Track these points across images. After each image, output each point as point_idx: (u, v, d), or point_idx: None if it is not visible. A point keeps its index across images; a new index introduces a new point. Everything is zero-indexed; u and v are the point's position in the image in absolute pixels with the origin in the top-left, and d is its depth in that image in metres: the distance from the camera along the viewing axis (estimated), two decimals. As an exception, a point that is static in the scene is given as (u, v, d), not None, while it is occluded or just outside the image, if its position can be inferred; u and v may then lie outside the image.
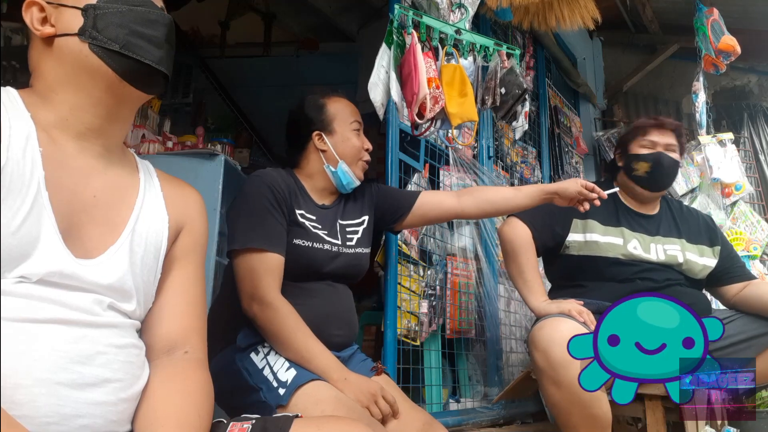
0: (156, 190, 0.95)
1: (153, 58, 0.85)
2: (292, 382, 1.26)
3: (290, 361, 1.32)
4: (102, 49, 0.82)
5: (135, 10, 0.85)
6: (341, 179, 1.55)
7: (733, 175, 3.42)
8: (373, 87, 1.76)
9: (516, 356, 2.67)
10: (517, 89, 1.91)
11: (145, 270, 0.88)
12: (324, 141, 1.56)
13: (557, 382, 1.60)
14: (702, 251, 2.06)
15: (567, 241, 2.00)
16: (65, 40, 0.83)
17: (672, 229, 2.07)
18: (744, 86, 4.67)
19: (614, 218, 2.04)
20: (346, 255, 1.54)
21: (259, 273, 1.34)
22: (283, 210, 1.44)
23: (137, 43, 0.84)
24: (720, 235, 2.17)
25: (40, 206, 0.75)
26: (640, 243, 1.99)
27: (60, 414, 0.71)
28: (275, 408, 1.24)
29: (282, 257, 1.39)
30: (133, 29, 0.84)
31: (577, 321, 1.69)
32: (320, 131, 1.56)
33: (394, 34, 1.79)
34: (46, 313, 0.74)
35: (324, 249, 1.49)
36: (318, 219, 1.52)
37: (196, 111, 4.38)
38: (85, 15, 0.83)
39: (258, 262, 1.35)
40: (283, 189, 1.46)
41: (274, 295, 1.34)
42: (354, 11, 4.12)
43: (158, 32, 0.86)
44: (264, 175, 1.48)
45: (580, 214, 2.00)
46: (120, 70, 0.83)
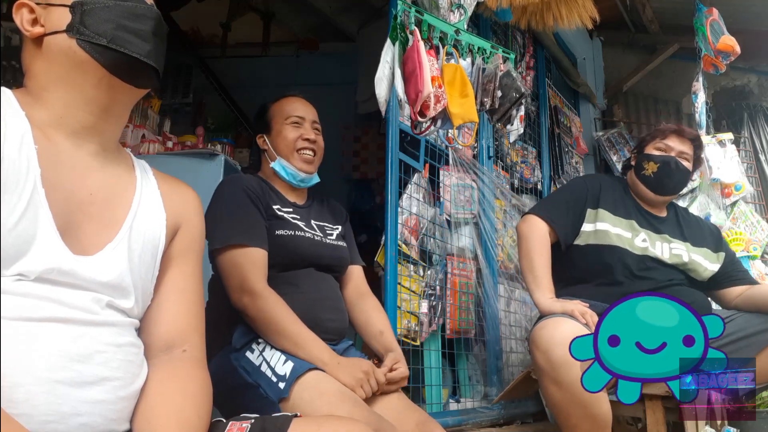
0: (153, 188, 0.95)
1: (141, 51, 0.85)
2: (290, 374, 1.27)
3: (286, 353, 1.33)
4: (89, 44, 0.82)
5: (121, 4, 0.85)
6: (281, 174, 1.60)
7: (732, 175, 3.42)
8: (378, 82, 1.76)
9: (516, 356, 2.67)
10: (514, 93, 1.92)
11: (143, 267, 0.88)
12: (265, 141, 1.64)
13: (558, 381, 1.60)
14: (706, 255, 2.07)
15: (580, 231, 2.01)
16: (54, 38, 0.84)
17: (677, 232, 2.09)
18: (744, 86, 4.67)
19: (625, 210, 2.05)
20: (327, 245, 1.58)
21: (245, 266, 1.37)
22: (259, 207, 1.48)
23: (124, 37, 0.84)
24: (724, 243, 2.19)
25: (37, 203, 0.75)
26: (648, 238, 2.00)
27: (59, 412, 0.71)
28: (277, 402, 1.24)
29: (264, 251, 1.42)
30: (120, 23, 0.84)
31: (578, 322, 1.69)
32: (262, 134, 1.65)
33: (398, 31, 1.79)
34: (45, 312, 0.74)
35: (306, 236, 1.54)
36: (294, 212, 1.57)
37: (196, 111, 4.38)
38: (72, 11, 0.83)
39: (242, 256, 1.38)
40: (256, 188, 1.52)
41: (263, 285, 1.36)
42: (354, 11, 4.12)
43: (146, 26, 0.86)
44: (236, 177, 1.56)
45: (593, 203, 2.01)
46: (108, 64, 0.84)
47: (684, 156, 2.06)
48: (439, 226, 2.47)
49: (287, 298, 1.39)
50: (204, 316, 0.97)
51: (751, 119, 4.54)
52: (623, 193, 2.12)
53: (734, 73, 4.47)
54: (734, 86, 4.66)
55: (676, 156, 2.05)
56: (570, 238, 2.01)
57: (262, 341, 1.38)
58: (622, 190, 2.14)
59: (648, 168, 2.05)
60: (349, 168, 4.60)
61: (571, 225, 2.01)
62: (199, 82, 4.47)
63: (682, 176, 2.05)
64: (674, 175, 2.04)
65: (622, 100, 4.74)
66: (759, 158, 4.38)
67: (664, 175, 2.03)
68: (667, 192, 2.08)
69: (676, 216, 2.16)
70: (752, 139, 4.47)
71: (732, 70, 4.14)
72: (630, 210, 2.06)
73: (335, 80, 4.42)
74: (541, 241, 1.96)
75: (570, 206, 2.03)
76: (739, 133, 4.44)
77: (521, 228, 2.02)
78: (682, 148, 2.06)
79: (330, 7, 4.16)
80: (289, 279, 1.47)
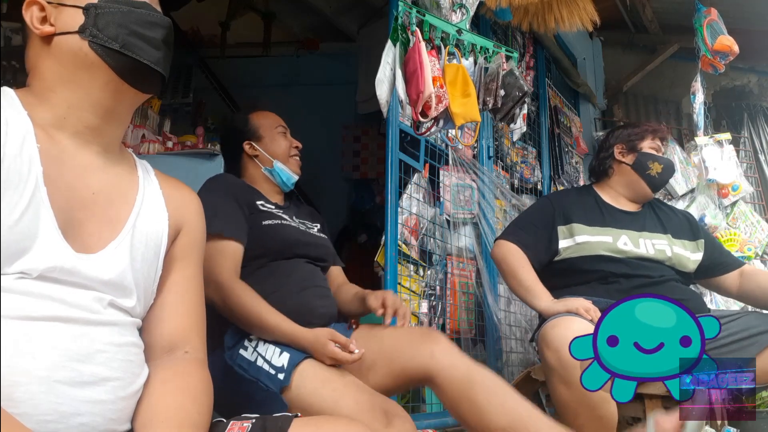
0: (155, 189, 0.95)
1: (151, 58, 0.86)
2: (288, 363, 1.30)
3: (281, 345, 1.35)
4: (101, 47, 0.83)
5: (135, 11, 0.86)
6: (280, 176, 1.69)
7: (729, 176, 3.42)
8: (379, 84, 1.77)
9: (516, 356, 2.67)
10: (517, 91, 1.92)
11: (146, 267, 0.88)
12: (254, 147, 1.71)
13: (567, 381, 1.60)
14: (686, 245, 2.10)
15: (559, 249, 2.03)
16: (65, 39, 0.84)
17: (657, 226, 2.11)
18: (744, 86, 4.67)
19: (599, 218, 2.07)
20: (313, 235, 1.65)
21: (215, 258, 1.38)
22: (239, 202, 1.52)
23: (136, 44, 0.85)
24: (701, 228, 2.24)
25: (38, 201, 0.75)
26: (630, 239, 2.02)
27: (59, 412, 0.72)
28: (279, 392, 1.26)
29: (239, 244, 1.45)
30: (132, 29, 0.85)
31: (584, 319, 1.70)
32: (249, 140, 1.72)
33: (399, 32, 1.79)
34: (46, 311, 0.74)
35: (292, 226, 1.60)
36: (277, 208, 1.63)
37: (196, 111, 4.38)
38: (86, 13, 0.84)
39: (213, 248, 1.38)
40: (240, 185, 1.61)
41: (229, 276, 1.38)
42: (354, 11, 4.12)
43: (157, 34, 0.88)
44: (221, 176, 1.68)
45: (563, 220, 2.05)
46: (118, 69, 0.84)
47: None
48: (439, 226, 2.47)
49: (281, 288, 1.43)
50: (204, 317, 0.98)
51: (750, 119, 4.54)
52: (593, 202, 2.14)
53: (734, 73, 4.47)
54: (734, 86, 4.66)
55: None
56: (543, 258, 2.03)
57: (253, 337, 1.39)
58: (592, 199, 2.16)
59: (653, 168, 2.11)
60: (349, 168, 4.60)
61: (542, 246, 2.03)
62: (199, 82, 4.46)
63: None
64: (671, 176, 2.19)
65: (622, 100, 4.74)
66: (759, 158, 4.38)
67: (666, 176, 2.15)
68: (659, 190, 2.22)
69: (651, 209, 2.19)
70: (752, 139, 4.47)
71: (732, 70, 4.13)
72: (604, 217, 2.08)
73: (335, 80, 4.42)
74: (518, 258, 1.98)
75: (538, 228, 2.05)
76: (739, 133, 4.45)
77: (496, 253, 2.05)
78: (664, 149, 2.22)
79: (330, 7, 4.16)
80: (281, 269, 1.51)
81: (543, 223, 2.06)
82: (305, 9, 4.41)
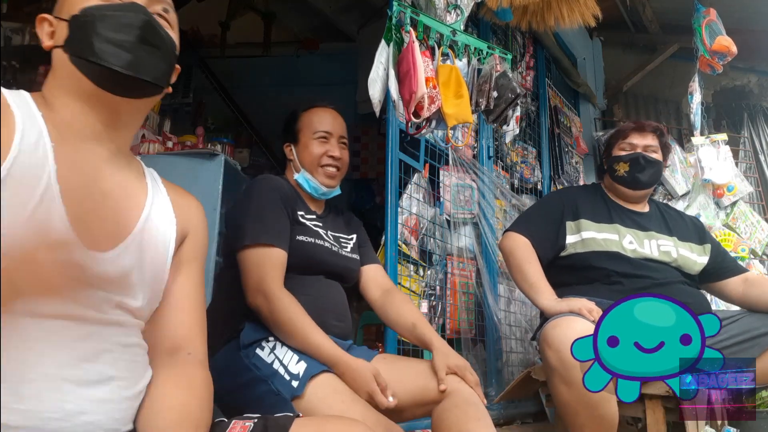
0: (163, 194, 0.96)
1: (121, 63, 0.83)
2: (304, 373, 1.29)
3: (299, 353, 1.35)
4: (78, 58, 0.83)
5: (109, 16, 0.84)
6: (304, 186, 1.62)
7: (725, 176, 3.43)
8: (372, 83, 1.77)
9: (516, 356, 2.67)
10: (510, 93, 1.93)
11: (154, 268, 0.89)
12: (291, 151, 1.66)
13: (568, 381, 1.60)
14: (692, 248, 2.10)
15: (566, 244, 2.04)
16: (57, 52, 0.86)
17: (663, 228, 2.12)
18: (744, 86, 4.67)
19: (606, 215, 2.08)
20: (342, 256, 1.61)
21: (266, 267, 1.40)
22: (287, 210, 1.51)
23: (107, 50, 0.83)
24: (708, 234, 2.23)
25: (51, 197, 0.75)
26: (635, 238, 2.03)
27: (64, 410, 0.72)
28: (290, 400, 1.26)
29: (286, 253, 1.45)
30: (104, 36, 0.83)
31: (587, 319, 1.69)
32: (289, 143, 1.67)
33: (392, 31, 1.79)
34: (55, 309, 0.75)
35: (325, 246, 1.56)
36: (315, 220, 1.60)
37: (196, 111, 4.38)
38: (68, 27, 0.85)
39: (266, 257, 1.41)
40: (287, 191, 1.56)
41: (278, 286, 1.39)
42: (354, 11, 4.13)
43: (129, 36, 0.84)
44: (269, 178, 1.58)
45: (572, 216, 2.04)
46: (95, 78, 0.84)
47: (650, 149, 2.13)
48: (439, 226, 2.47)
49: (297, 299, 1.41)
50: (206, 321, 0.99)
51: (751, 119, 4.54)
52: (601, 200, 2.15)
53: (734, 73, 4.47)
54: (734, 86, 4.66)
55: (642, 151, 2.11)
56: (549, 253, 2.04)
57: (272, 339, 1.40)
58: (600, 197, 2.17)
59: (620, 169, 2.12)
60: (349, 168, 4.60)
61: (549, 240, 2.04)
62: (199, 82, 4.47)
63: (653, 168, 2.12)
64: (646, 169, 2.11)
65: (622, 100, 4.74)
66: (759, 158, 4.38)
67: (636, 172, 2.10)
68: (643, 186, 2.13)
69: (658, 211, 2.20)
70: (752, 139, 4.47)
71: (732, 70, 4.14)
72: (611, 214, 2.09)
73: (335, 80, 4.43)
74: (526, 251, 1.98)
75: (547, 221, 2.06)
76: (739, 133, 4.45)
77: (504, 245, 2.05)
78: (645, 142, 2.13)
79: (330, 7, 4.17)
80: (301, 283, 1.48)
81: (552, 217, 2.07)
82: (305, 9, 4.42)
